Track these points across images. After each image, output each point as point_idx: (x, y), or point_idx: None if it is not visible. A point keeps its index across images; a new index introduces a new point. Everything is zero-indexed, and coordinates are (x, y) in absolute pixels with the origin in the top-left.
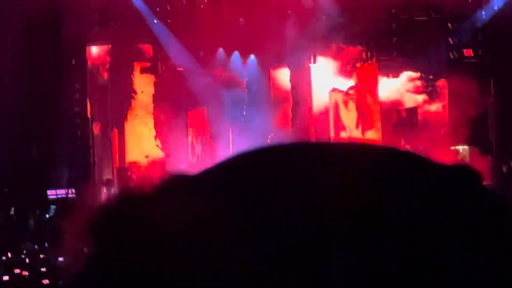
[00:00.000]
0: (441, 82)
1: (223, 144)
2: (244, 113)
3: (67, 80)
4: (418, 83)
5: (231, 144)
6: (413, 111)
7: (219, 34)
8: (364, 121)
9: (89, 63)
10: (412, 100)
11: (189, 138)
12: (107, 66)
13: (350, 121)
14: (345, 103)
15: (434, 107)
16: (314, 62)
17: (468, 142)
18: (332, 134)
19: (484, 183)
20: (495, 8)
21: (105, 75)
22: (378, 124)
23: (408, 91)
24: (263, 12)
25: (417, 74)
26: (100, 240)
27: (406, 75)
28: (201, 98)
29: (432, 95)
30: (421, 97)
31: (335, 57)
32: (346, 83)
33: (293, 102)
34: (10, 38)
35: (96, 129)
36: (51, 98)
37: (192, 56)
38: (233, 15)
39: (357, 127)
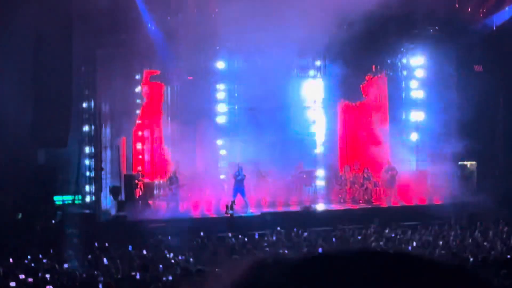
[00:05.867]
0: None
1: (230, 154)
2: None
3: (76, 87)
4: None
5: (238, 155)
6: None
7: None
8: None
9: (99, 69)
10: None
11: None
12: (118, 73)
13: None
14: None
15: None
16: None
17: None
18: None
19: None
20: (506, 19)
21: (115, 82)
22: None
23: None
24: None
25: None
26: None
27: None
28: (210, 107)
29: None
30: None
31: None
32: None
33: None
34: (22, 43)
35: (104, 136)
36: (60, 104)
37: (202, 65)
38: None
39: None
